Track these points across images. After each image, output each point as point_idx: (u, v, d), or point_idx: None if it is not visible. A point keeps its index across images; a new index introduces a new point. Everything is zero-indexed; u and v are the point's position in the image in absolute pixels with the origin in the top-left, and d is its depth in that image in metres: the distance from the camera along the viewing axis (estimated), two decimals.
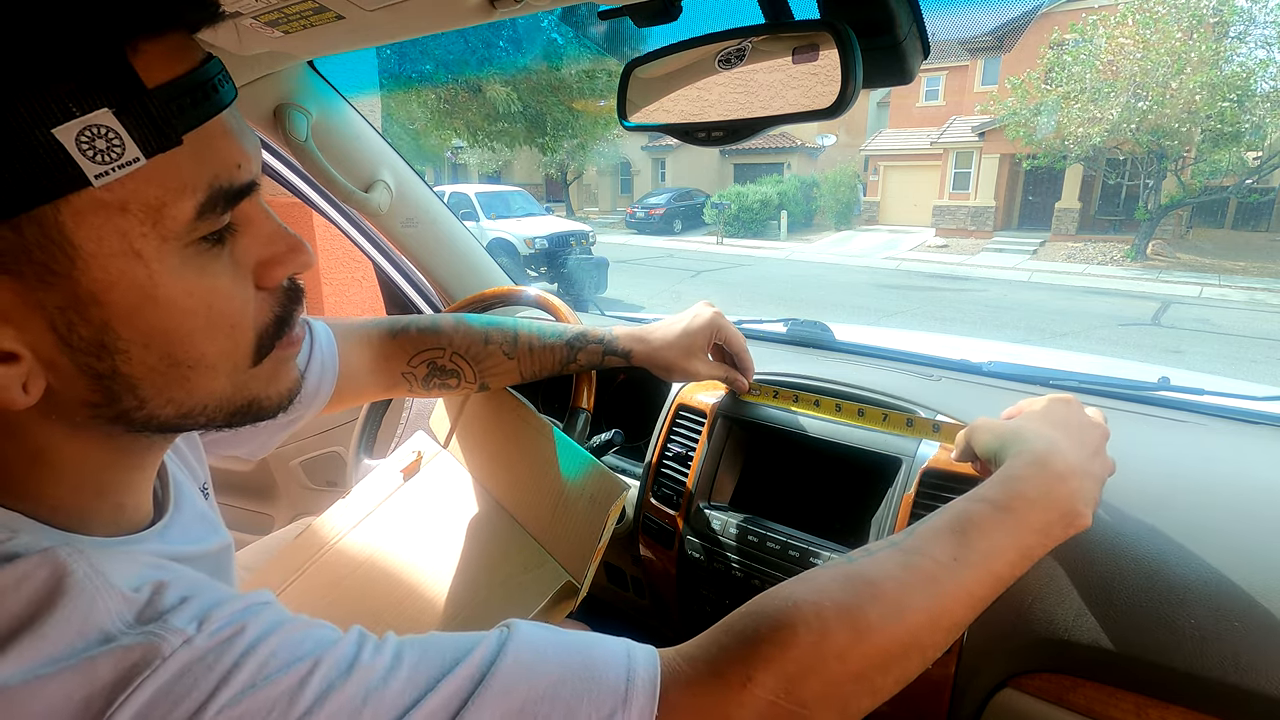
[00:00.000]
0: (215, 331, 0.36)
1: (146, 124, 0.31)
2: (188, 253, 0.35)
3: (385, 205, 1.18)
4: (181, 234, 0.34)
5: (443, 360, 0.77)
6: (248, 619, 0.34)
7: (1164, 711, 0.66)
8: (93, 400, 0.35)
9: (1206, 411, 0.93)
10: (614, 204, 24.85)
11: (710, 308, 0.85)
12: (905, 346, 1.22)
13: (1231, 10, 12.80)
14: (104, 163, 0.30)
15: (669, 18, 0.64)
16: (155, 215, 0.32)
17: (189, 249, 0.35)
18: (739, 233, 17.96)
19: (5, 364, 0.31)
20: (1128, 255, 13.79)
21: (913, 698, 0.82)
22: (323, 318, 0.75)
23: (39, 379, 0.33)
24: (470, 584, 0.68)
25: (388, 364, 0.76)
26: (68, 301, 0.32)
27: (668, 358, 0.80)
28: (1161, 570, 0.69)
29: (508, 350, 0.78)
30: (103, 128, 0.30)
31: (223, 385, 0.38)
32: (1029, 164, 15.76)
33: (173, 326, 0.34)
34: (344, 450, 1.58)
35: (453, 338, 0.77)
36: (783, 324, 1.37)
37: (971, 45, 17.71)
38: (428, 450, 0.81)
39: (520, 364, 0.79)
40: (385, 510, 0.77)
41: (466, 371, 0.77)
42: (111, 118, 0.30)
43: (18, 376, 0.32)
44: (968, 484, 0.81)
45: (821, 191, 19.78)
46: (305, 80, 1.04)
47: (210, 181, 0.34)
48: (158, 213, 0.33)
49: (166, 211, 0.33)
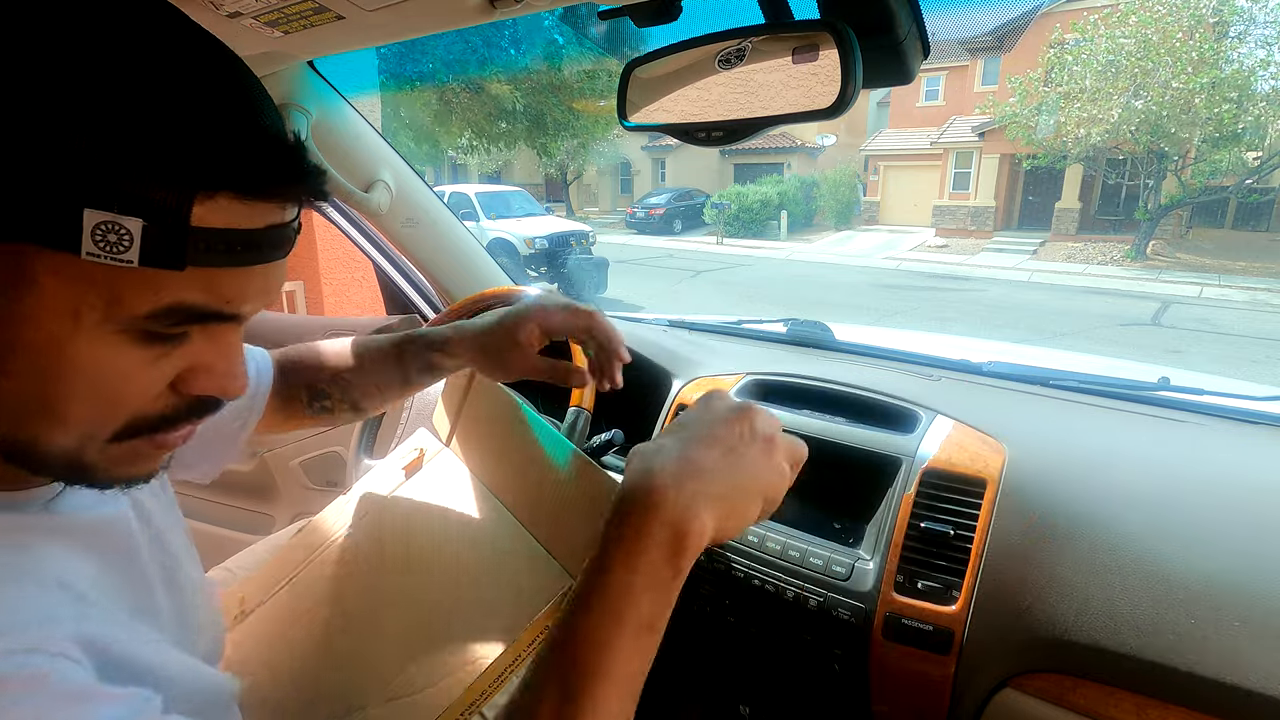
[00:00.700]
0: (95, 400, 0.35)
1: (162, 246, 0.32)
2: (120, 336, 0.34)
3: (385, 205, 1.18)
4: (124, 322, 0.34)
5: (320, 384, 0.73)
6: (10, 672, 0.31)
7: (1164, 711, 0.66)
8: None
9: (1206, 411, 0.93)
10: (614, 204, 24.84)
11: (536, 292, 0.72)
12: (905, 346, 1.22)
13: (1231, 10, 12.79)
14: (101, 250, 0.31)
15: (669, 18, 0.64)
16: (113, 299, 0.33)
17: (123, 334, 0.34)
18: (739, 233, 17.96)
19: None
20: (1128, 255, 13.78)
21: (913, 698, 0.82)
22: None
23: None
24: (474, 584, 0.68)
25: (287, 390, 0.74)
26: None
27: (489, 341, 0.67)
28: (1161, 570, 0.69)
29: (360, 364, 0.74)
30: (124, 229, 0.31)
31: (62, 439, 0.36)
32: (1029, 164, 15.76)
33: (53, 376, 0.34)
34: (344, 450, 1.57)
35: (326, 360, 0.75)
36: (783, 324, 1.37)
37: (971, 45, 17.71)
38: (430, 448, 0.81)
39: (371, 376, 0.73)
40: (387, 507, 0.77)
41: (334, 393, 0.74)
42: (137, 226, 0.31)
43: None
44: (968, 484, 0.81)
45: (821, 191, 19.76)
46: (305, 80, 1.04)
47: (184, 302, 0.34)
48: (117, 299, 0.33)
49: (124, 302, 0.33)
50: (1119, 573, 0.70)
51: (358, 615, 0.68)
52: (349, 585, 0.71)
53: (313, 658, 0.66)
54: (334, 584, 0.69)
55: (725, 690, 1.14)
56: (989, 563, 0.76)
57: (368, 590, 0.70)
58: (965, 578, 0.77)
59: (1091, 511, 0.75)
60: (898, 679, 0.82)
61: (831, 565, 0.85)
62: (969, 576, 0.77)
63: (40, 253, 0.31)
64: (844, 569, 0.84)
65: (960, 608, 0.76)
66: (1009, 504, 0.78)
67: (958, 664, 0.77)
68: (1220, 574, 0.67)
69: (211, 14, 0.77)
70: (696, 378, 1.11)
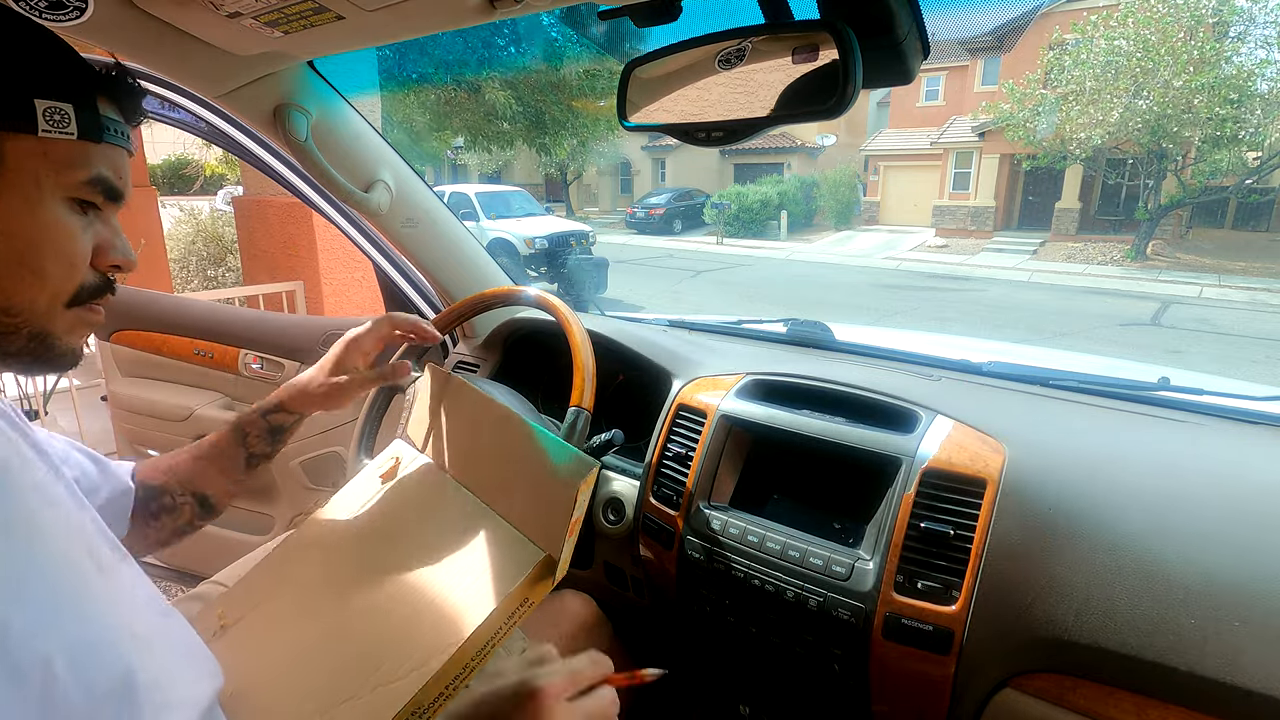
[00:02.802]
0: (59, 259, 0.50)
1: (87, 123, 0.50)
2: (65, 203, 0.50)
3: (385, 205, 1.18)
4: (69, 188, 0.50)
5: (152, 482, 0.76)
6: None
7: (1164, 711, 0.66)
8: None
9: (1206, 411, 0.93)
10: (614, 204, 24.83)
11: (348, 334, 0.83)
12: (905, 346, 1.22)
13: (1231, 10, 12.78)
14: (51, 125, 0.48)
15: (669, 18, 0.64)
16: (60, 167, 0.49)
17: (67, 201, 0.50)
18: (739, 233, 17.95)
19: None
20: (1128, 255, 13.78)
21: (913, 698, 0.82)
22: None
23: None
24: (452, 572, 0.70)
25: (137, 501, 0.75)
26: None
27: (316, 383, 0.80)
28: (1161, 570, 0.69)
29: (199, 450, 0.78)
30: (62, 109, 0.49)
31: (42, 301, 0.49)
32: (1029, 164, 15.75)
33: (33, 238, 0.48)
34: (344, 450, 1.58)
35: (161, 460, 0.78)
36: (783, 324, 1.37)
37: (971, 45, 17.70)
38: (406, 455, 0.83)
39: (212, 461, 0.78)
40: (365, 513, 0.79)
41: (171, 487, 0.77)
42: (70, 109, 0.49)
43: None
44: (968, 484, 0.81)
45: (821, 191, 19.75)
46: (305, 80, 1.04)
47: (101, 173, 0.51)
48: (63, 166, 0.49)
49: (69, 170, 0.49)
50: (1119, 573, 0.70)
51: (341, 616, 0.69)
52: (331, 589, 0.72)
53: (299, 661, 0.66)
54: (315, 589, 0.70)
55: (725, 690, 1.14)
56: (989, 563, 0.76)
57: (349, 590, 0.71)
58: (965, 578, 0.77)
59: (1092, 511, 0.75)
60: (898, 679, 0.82)
61: (831, 565, 0.85)
62: (969, 576, 0.77)
63: (7, 137, 0.46)
64: (844, 569, 0.84)
65: (960, 608, 0.76)
66: (1009, 504, 0.78)
67: (958, 664, 0.77)
68: (1220, 574, 0.67)
69: (211, 14, 0.77)
70: (696, 378, 1.11)
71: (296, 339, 1.64)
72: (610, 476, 1.10)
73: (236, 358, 1.67)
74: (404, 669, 0.61)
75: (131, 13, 0.78)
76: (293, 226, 3.79)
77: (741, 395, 1.03)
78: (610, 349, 1.19)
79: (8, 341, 0.49)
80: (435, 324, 1.10)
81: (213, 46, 0.87)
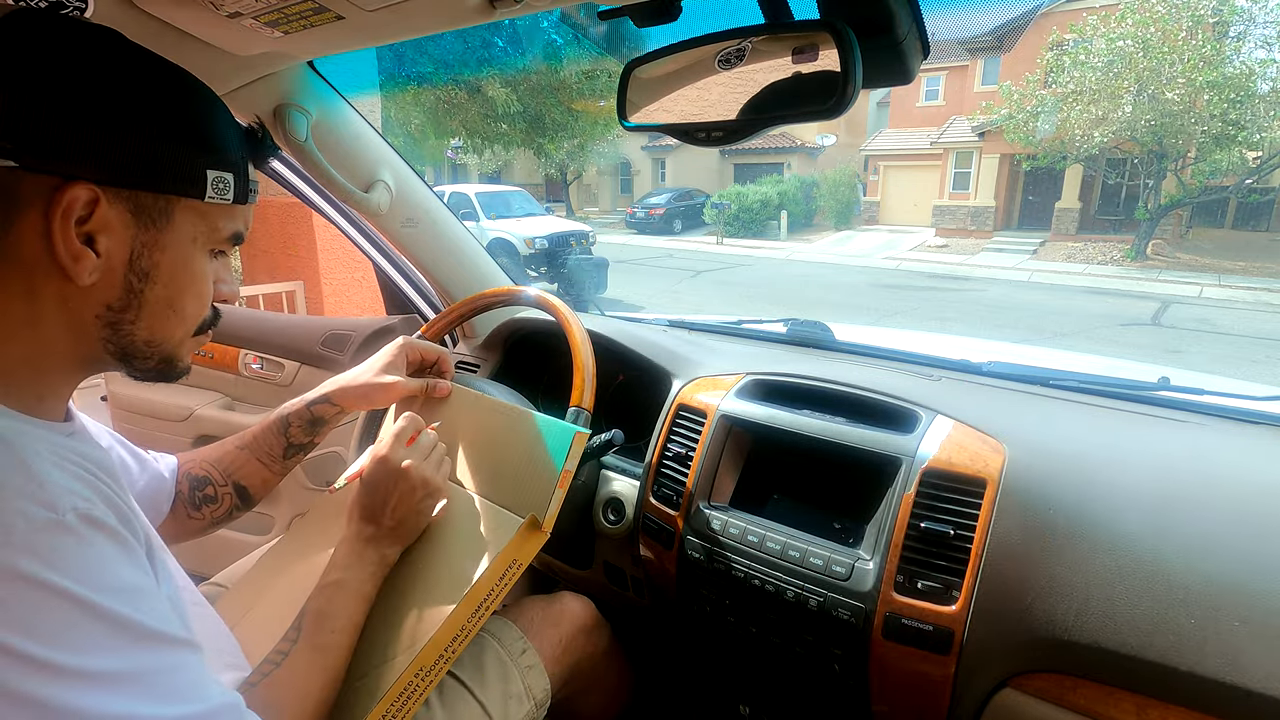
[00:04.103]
0: (197, 301, 0.57)
1: (240, 190, 0.57)
2: (208, 254, 0.58)
3: (385, 205, 1.18)
4: (216, 243, 0.57)
5: (197, 471, 0.82)
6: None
7: (1164, 711, 0.66)
8: (113, 302, 0.52)
9: (1206, 411, 0.93)
10: (614, 204, 24.83)
11: (402, 338, 0.90)
12: (905, 346, 1.22)
13: (1231, 10, 12.78)
14: (216, 192, 0.55)
15: (669, 18, 0.64)
16: (214, 226, 0.56)
17: (210, 252, 0.58)
18: (739, 233, 17.95)
19: (96, 255, 0.49)
20: (1128, 255, 13.78)
21: (913, 698, 0.82)
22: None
23: (97, 274, 0.50)
24: (442, 550, 0.75)
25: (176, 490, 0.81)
26: (148, 243, 0.52)
27: (361, 380, 0.85)
28: (1162, 570, 0.69)
29: (240, 440, 0.84)
30: (225, 179, 0.56)
31: (178, 335, 0.57)
32: (1028, 164, 15.75)
33: (182, 284, 0.55)
34: (344, 450, 1.57)
35: (205, 450, 0.84)
36: (783, 324, 1.37)
37: (971, 45, 17.69)
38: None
39: (252, 450, 0.83)
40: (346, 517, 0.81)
41: (214, 476, 0.82)
42: (230, 179, 0.56)
43: (94, 265, 0.50)
44: (968, 484, 0.81)
45: (821, 191, 19.75)
46: (305, 80, 1.04)
47: (239, 229, 0.60)
48: (215, 228, 0.57)
49: (219, 230, 0.57)
50: (1119, 572, 0.70)
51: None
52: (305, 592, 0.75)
53: None
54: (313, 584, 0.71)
55: (725, 690, 1.14)
56: (989, 563, 0.76)
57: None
58: (965, 578, 0.77)
59: (1092, 511, 0.75)
60: (898, 679, 0.82)
61: (831, 565, 0.85)
62: (969, 576, 0.77)
63: (179, 200, 0.53)
64: (844, 569, 0.84)
65: (960, 608, 0.76)
66: (1009, 504, 0.78)
67: (958, 664, 0.77)
68: (1220, 574, 0.67)
69: (211, 14, 0.77)
70: (696, 378, 1.11)
71: (296, 339, 1.64)
72: (610, 476, 1.10)
73: (236, 358, 1.67)
74: (403, 644, 0.67)
75: (131, 13, 0.78)
76: (292, 226, 3.79)
77: (741, 395, 1.03)
78: (610, 349, 1.19)
79: (142, 363, 0.56)
80: (432, 326, 1.11)
81: (212, 46, 0.87)
